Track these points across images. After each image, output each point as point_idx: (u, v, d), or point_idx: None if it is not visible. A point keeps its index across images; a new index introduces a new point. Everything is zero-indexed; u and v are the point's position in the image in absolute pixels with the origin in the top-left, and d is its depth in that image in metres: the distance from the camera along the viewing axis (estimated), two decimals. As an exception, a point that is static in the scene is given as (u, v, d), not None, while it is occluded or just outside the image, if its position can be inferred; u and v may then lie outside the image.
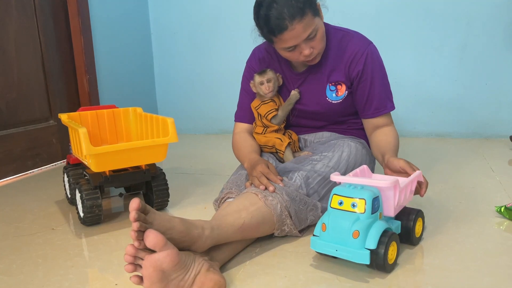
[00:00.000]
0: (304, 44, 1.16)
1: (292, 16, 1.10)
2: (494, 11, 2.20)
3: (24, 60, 1.96)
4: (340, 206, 0.93)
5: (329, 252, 0.92)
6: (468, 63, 2.29)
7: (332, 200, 0.95)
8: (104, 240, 1.17)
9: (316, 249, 0.95)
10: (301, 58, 1.20)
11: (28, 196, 1.62)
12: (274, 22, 1.12)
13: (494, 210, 1.26)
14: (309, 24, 1.13)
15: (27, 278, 0.97)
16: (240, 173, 1.26)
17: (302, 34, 1.13)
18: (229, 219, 0.97)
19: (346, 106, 1.35)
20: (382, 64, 1.31)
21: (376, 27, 2.32)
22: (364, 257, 0.87)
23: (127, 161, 1.24)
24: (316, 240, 0.94)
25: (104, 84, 2.37)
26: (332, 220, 0.92)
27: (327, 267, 0.96)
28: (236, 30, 2.62)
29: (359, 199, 0.91)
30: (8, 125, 1.90)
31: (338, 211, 0.93)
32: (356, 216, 0.90)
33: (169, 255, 0.78)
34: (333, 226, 0.92)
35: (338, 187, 0.96)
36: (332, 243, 0.91)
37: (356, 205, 0.91)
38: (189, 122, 2.88)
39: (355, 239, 0.88)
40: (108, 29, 2.41)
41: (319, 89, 1.32)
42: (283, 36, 1.13)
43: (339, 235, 0.90)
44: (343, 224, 0.90)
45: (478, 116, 2.34)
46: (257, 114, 1.36)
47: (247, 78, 1.41)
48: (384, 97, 1.31)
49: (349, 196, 0.92)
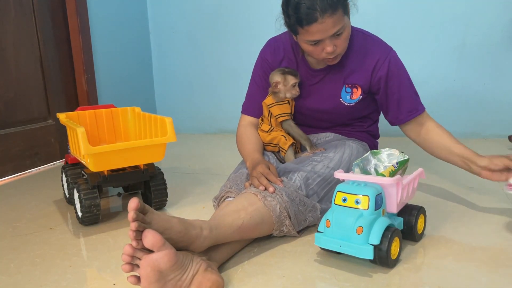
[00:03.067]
0: (328, 40, 1.14)
1: (324, 9, 1.08)
2: (493, 11, 2.20)
3: (22, 59, 1.95)
4: (344, 202, 0.95)
5: (333, 247, 0.93)
6: (466, 63, 2.29)
7: (336, 197, 0.96)
8: (102, 240, 1.17)
9: (320, 245, 0.96)
10: (322, 55, 1.18)
11: (26, 195, 1.62)
12: (304, 12, 1.09)
13: (493, 209, 1.26)
14: (339, 21, 1.12)
15: (24, 278, 0.97)
16: (241, 171, 1.26)
17: (330, 30, 1.12)
18: (228, 219, 0.97)
19: (356, 110, 1.34)
20: (405, 69, 1.31)
21: (375, 26, 2.32)
22: (368, 252, 0.89)
23: (125, 161, 1.24)
24: (320, 236, 0.95)
25: (103, 83, 2.37)
26: (336, 217, 0.93)
27: (325, 266, 0.96)
28: (236, 28, 2.62)
29: (362, 195, 0.93)
30: (6, 125, 1.90)
31: (342, 207, 0.95)
32: (360, 212, 0.92)
33: (167, 255, 0.78)
34: (337, 222, 0.93)
35: (342, 184, 0.98)
36: (336, 239, 0.92)
37: (360, 202, 0.93)
38: (188, 121, 2.87)
39: (359, 235, 0.90)
40: (107, 28, 2.41)
41: (335, 89, 1.31)
42: (311, 28, 1.11)
43: (343, 231, 0.92)
44: (347, 220, 0.92)
45: (476, 116, 2.34)
46: (268, 112, 1.34)
47: (259, 70, 1.39)
48: (415, 99, 1.31)
49: (353, 193, 0.94)
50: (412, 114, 1.30)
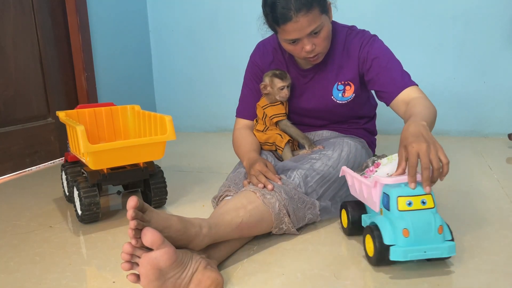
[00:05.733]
0: (306, 39, 1.15)
1: (298, 8, 1.09)
2: (492, 9, 2.19)
3: (22, 58, 1.95)
4: (409, 206, 0.88)
5: (418, 256, 0.87)
6: (466, 61, 2.29)
7: (398, 204, 0.89)
8: (101, 238, 1.17)
9: (400, 258, 0.86)
10: (302, 53, 1.19)
11: (26, 194, 1.62)
12: (279, 11, 1.11)
13: (492, 208, 1.26)
14: (315, 20, 1.12)
15: (24, 276, 0.97)
16: (239, 171, 1.26)
17: (305, 29, 1.13)
18: (227, 217, 0.97)
19: (350, 109, 1.34)
20: (391, 51, 1.27)
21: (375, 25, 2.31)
22: (452, 249, 0.88)
23: (125, 159, 1.24)
24: (398, 249, 0.86)
25: (102, 81, 2.37)
26: (415, 222, 0.87)
27: (325, 265, 0.96)
28: (235, 27, 2.62)
29: (426, 195, 0.89)
30: (6, 123, 1.90)
31: (415, 212, 0.88)
32: (431, 212, 0.89)
33: (166, 253, 0.78)
34: (417, 228, 0.86)
35: (396, 189, 0.90)
36: (418, 246, 0.86)
37: (426, 202, 0.89)
38: (188, 120, 2.87)
39: (440, 234, 0.87)
40: (107, 27, 2.41)
41: (326, 87, 1.32)
42: (286, 27, 1.13)
43: (425, 235, 0.87)
44: (428, 222, 0.87)
45: (476, 114, 2.34)
46: (263, 113, 1.34)
47: (250, 73, 1.40)
48: (404, 74, 1.23)
49: (417, 194, 0.89)
50: (406, 84, 1.20)
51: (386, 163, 1.09)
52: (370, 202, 0.99)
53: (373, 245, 0.91)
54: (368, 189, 0.97)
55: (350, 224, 1.07)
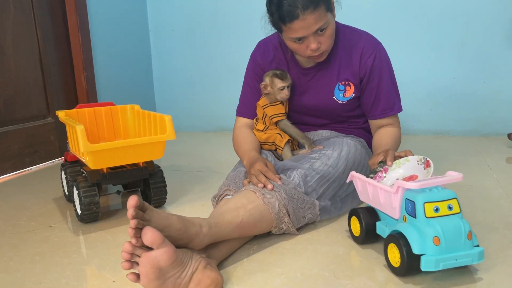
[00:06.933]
0: (312, 37, 1.15)
1: (305, 5, 1.09)
2: (493, 9, 2.19)
3: (22, 57, 1.95)
4: (437, 213, 0.85)
5: (450, 265, 0.83)
6: (466, 61, 2.29)
7: (425, 210, 0.85)
8: (101, 238, 1.17)
9: (433, 268, 0.82)
10: (307, 52, 1.19)
11: (26, 193, 1.62)
12: (286, 9, 1.11)
13: (492, 208, 1.26)
14: (321, 18, 1.13)
15: (24, 275, 0.97)
16: (239, 170, 1.26)
17: (312, 26, 1.13)
18: (227, 217, 0.97)
19: (350, 109, 1.35)
20: (390, 65, 1.31)
21: (374, 25, 2.32)
22: (481, 255, 0.85)
23: (124, 159, 1.24)
24: (430, 259, 0.82)
25: (102, 81, 2.37)
26: (445, 229, 0.83)
27: (324, 264, 0.96)
28: (235, 26, 2.61)
29: (452, 199, 0.87)
30: (6, 122, 1.90)
31: (443, 218, 0.85)
32: (458, 217, 0.86)
33: (166, 252, 0.78)
34: (447, 236, 0.83)
35: (421, 194, 0.86)
36: (449, 254, 0.83)
37: (452, 207, 0.86)
38: (187, 119, 2.87)
39: (470, 240, 0.84)
40: (106, 26, 2.40)
41: (327, 87, 1.32)
42: (293, 25, 1.12)
43: (455, 242, 0.83)
44: (458, 229, 0.84)
45: (476, 114, 2.34)
46: (263, 113, 1.34)
47: (251, 72, 1.40)
48: (391, 98, 1.31)
49: (443, 200, 0.86)
50: (386, 113, 1.31)
51: (394, 168, 1.09)
52: (388, 208, 0.95)
53: (399, 255, 0.86)
54: (387, 194, 0.94)
55: (363, 232, 1.02)
